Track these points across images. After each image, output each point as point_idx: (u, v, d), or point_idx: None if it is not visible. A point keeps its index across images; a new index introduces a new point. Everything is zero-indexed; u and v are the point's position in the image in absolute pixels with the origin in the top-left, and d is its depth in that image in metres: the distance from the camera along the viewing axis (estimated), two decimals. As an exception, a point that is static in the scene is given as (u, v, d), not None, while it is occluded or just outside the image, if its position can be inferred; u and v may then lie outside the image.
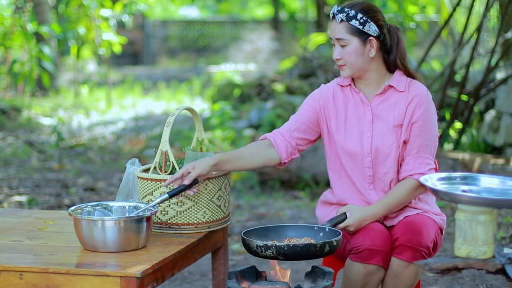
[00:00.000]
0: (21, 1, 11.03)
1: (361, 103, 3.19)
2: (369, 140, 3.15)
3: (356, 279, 3.02)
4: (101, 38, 11.71)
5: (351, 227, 3.06)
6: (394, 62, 3.18)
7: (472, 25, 8.09)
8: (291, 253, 2.80)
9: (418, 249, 2.98)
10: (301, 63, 10.89)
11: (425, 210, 3.18)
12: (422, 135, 3.12)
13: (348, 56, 3.11)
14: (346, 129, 3.18)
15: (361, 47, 3.11)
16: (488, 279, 4.42)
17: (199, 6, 25.82)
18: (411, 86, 3.16)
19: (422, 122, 3.12)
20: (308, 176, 6.88)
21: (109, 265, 2.70)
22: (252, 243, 2.86)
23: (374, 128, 3.15)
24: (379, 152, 3.13)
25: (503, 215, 5.66)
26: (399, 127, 3.13)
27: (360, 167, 3.16)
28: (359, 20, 3.08)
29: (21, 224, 3.28)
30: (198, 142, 3.32)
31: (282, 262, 2.97)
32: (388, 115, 3.15)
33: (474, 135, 7.68)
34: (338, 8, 3.12)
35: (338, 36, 3.11)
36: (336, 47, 3.14)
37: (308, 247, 2.81)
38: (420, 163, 3.12)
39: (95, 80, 15.66)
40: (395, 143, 3.13)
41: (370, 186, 3.17)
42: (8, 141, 9.48)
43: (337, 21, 3.11)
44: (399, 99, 3.15)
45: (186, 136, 9.20)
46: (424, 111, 3.12)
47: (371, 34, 3.10)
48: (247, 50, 16.11)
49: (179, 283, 4.60)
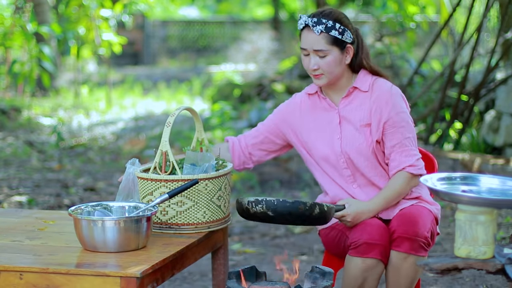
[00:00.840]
0: (21, 1, 11.03)
1: (329, 108, 3.24)
2: (338, 142, 3.20)
3: (355, 274, 3.03)
4: (101, 38, 11.72)
5: (348, 217, 3.09)
6: (360, 63, 3.22)
7: (472, 25, 8.10)
8: (281, 208, 2.85)
9: (416, 239, 3.01)
10: (301, 63, 10.88)
11: (419, 196, 3.22)
12: (399, 129, 3.16)
13: (327, 66, 3.13)
14: (318, 135, 3.24)
15: (340, 56, 3.14)
16: (488, 279, 4.42)
17: (199, 6, 25.82)
18: (375, 85, 3.20)
19: (394, 118, 3.15)
20: (308, 176, 6.88)
21: (109, 265, 2.70)
22: (244, 200, 2.92)
23: (342, 130, 3.21)
24: (350, 153, 3.18)
25: (503, 215, 5.66)
26: (367, 126, 3.17)
27: (338, 169, 3.23)
28: (338, 30, 3.11)
29: (21, 224, 3.28)
30: (198, 142, 3.32)
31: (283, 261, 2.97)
32: (354, 116, 3.19)
33: (474, 135, 7.68)
34: (314, 19, 3.12)
35: (318, 48, 3.11)
36: (312, 58, 3.14)
37: (298, 204, 2.87)
38: (406, 155, 3.16)
39: (95, 80, 15.66)
40: (365, 143, 3.17)
41: (353, 185, 3.23)
42: (8, 141, 9.48)
43: (316, 33, 3.10)
44: (364, 99, 3.19)
45: (186, 136, 9.20)
46: (392, 107, 3.15)
47: (347, 42, 3.14)
48: (247, 50, 16.12)
49: (179, 283, 4.60)
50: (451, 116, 7.43)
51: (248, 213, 2.92)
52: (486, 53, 7.83)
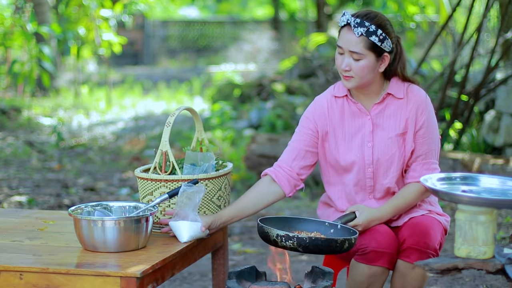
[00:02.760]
0: (21, 1, 11.03)
1: (360, 113, 3.12)
2: (370, 150, 3.09)
3: (360, 280, 3.01)
4: (101, 38, 11.71)
5: (360, 226, 3.03)
6: (394, 71, 3.11)
7: (472, 25, 8.09)
8: (312, 246, 2.78)
9: (426, 251, 2.97)
10: (301, 63, 10.89)
11: (429, 210, 3.15)
12: (427, 141, 3.09)
13: (360, 70, 3.00)
14: (346, 141, 3.12)
15: (375, 63, 3.02)
16: (488, 279, 4.42)
17: (199, 6, 25.80)
18: (410, 92, 3.10)
19: (425, 129, 3.08)
20: (308, 176, 6.87)
21: (109, 265, 2.70)
22: (272, 231, 2.82)
23: (374, 138, 3.09)
24: (380, 163, 3.09)
25: (503, 215, 5.66)
26: (401, 136, 3.08)
27: (362, 178, 3.11)
28: (379, 36, 2.98)
29: (21, 224, 3.28)
30: (198, 142, 3.32)
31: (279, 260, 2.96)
32: (388, 124, 3.09)
33: (474, 135, 7.67)
34: (357, 20, 2.98)
35: (354, 50, 2.99)
36: (346, 57, 3.02)
37: (330, 242, 2.79)
38: (427, 169, 3.09)
39: (95, 80, 15.66)
40: (397, 153, 3.08)
41: (369, 196, 3.14)
42: (8, 141, 9.48)
43: (356, 34, 2.96)
44: (399, 107, 3.09)
45: (186, 136, 9.20)
46: (427, 117, 3.08)
47: (385, 51, 3.02)
48: (247, 50, 16.11)
49: (179, 283, 4.60)
50: (451, 116, 7.42)
51: (275, 244, 2.83)
52: (486, 53, 7.83)
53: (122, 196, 6.57)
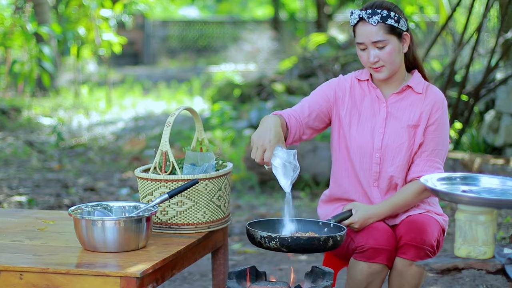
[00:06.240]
0: (21, 1, 11.04)
1: (377, 100, 3.19)
2: (380, 136, 3.14)
3: (360, 278, 3.03)
4: (101, 38, 11.72)
5: (356, 224, 3.06)
6: (413, 56, 3.19)
7: (472, 25, 8.10)
8: (295, 246, 2.81)
9: (422, 247, 2.99)
10: (301, 63, 10.89)
11: (427, 210, 3.18)
12: (436, 138, 3.13)
13: (388, 56, 3.08)
14: (359, 123, 3.18)
15: (399, 44, 3.10)
16: (488, 279, 4.42)
17: (199, 6, 25.82)
18: (429, 90, 3.17)
19: (436, 126, 3.12)
20: (308, 176, 6.88)
21: (109, 265, 2.70)
22: (256, 233, 2.86)
23: (387, 125, 3.15)
24: (388, 150, 3.13)
25: (503, 215, 5.66)
26: (413, 128, 3.13)
27: (368, 162, 3.16)
28: (394, 18, 3.06)
29: (21, 224, 3.28)
30: (198, 142, 3.32)
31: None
32: (403, 114, 3.15)
33: (474, 135, 7.68)
34: (368, 11, 3.06)
35: (377, 39, 3.06)
36: (371, 50, 3.08)
37: (312, 240, 2.81)
38: (430, 166, 3.12)
39: (95, 80, 15.67)
40: (406, 143, 3.13)
41: (374, 183, 3.17)
42: (8, 141, 9.48)
43: (373, 24, 3.04)
44: (416, 101, 3.15)
45: (186, 136, 9.20)
46: (440, 116, 3.13)
47: (403, 30, 3.11)
48: (247, 50, 16.12)
49: (179, 283, 4.60)
50: (451, 116, 7.42)
51: (261, 246, 2.87)
52: (486, 53, 7.83)
53: (122, 196, 6.57)
